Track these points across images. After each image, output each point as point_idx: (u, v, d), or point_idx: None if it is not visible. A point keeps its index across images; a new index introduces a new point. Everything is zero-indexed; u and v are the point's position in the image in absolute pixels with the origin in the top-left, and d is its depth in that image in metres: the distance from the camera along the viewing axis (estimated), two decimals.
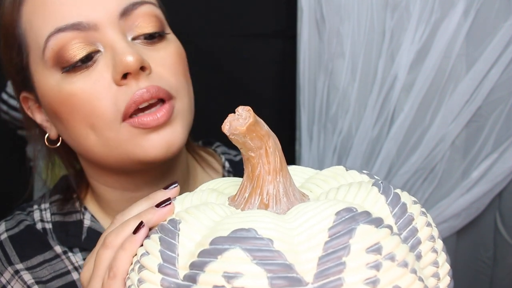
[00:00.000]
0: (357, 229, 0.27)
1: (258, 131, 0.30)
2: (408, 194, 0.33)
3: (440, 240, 0.32)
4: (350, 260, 0.26)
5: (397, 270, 0.26)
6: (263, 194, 0.31)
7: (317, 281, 0.25)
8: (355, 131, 1.01)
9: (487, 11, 0.87)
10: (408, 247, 0.28)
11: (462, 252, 1.04)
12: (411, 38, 0.91)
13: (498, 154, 0.92)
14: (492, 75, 0.89)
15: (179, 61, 0.47)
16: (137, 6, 0.44)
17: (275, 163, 0.31)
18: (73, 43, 0.42)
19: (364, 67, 0.97)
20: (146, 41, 0.45)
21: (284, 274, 0.25)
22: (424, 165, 0.97)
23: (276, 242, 0.26)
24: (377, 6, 0.93)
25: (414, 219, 0.30)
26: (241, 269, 0.25)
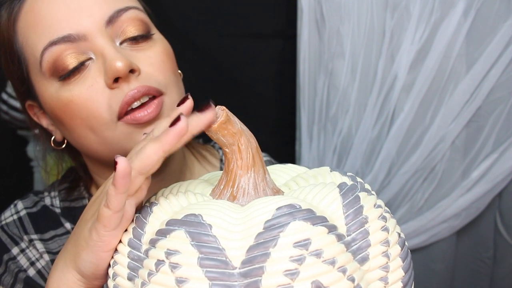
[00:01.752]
0: (290, 224, 0.29)
1: (229, 129, 0.34)
2: (375, 198, 0.35)
3: (399, 246, 0.33)
4: (275, 252, 0.28)
5: (321, 267, 0.28)
6: (234, 187, 0.34)
7: (243, 267, 0.28)
8: (355, 131, 1.01)
9: (487, 11, 0.87)
10: (345, 247, 0.29)
11: (462, 252, 1.04)
12: (411, 38, 0.91)
13: (498, 154, 0.92)
14: (492, 75, 0.89)
15: (166, 59, 0.50)
16: (122, 12, 0.47)
17: (247, 159, 0.34)
18: (66, 54, 0.45)
19: (364, 67, 0.97)
20: (133, 43, 0.48)
21: (214, 256, 0.28)
22: (424, 165, 0.97)
23: (215, 228, 0.29)
24: (377, 6, 0.93)
25: (367, 222, 0.31)
26: (180, 248, 0.29)
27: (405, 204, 1.01)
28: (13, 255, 0.54)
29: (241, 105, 1.14)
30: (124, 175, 0.30)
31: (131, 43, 0.48)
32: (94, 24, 0.46)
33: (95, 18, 0.46)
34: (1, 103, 1.23)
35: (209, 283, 0.28)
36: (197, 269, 0.28)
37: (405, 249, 0.34)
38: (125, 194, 0.31)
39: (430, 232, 0.99)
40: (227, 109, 0.34)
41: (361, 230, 0.31)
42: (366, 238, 0.31)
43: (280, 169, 0.41)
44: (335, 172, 0.37)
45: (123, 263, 0.32)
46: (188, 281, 0.29)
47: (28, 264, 0.54)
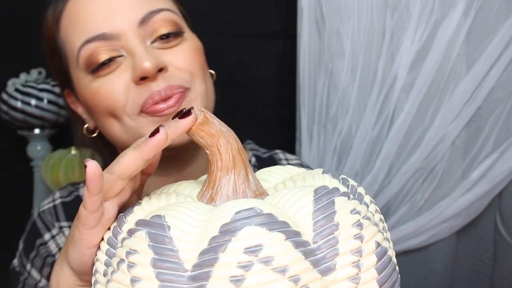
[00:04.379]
0: (243, 229, 0.28)
1: (207, 130, 0.34)
2: (358, 204, 0.33)
3: (375, 257, 0.30)
4: (223, 256, 0.27)
5: (269, 275, 0.27)
6: (214, 188, 0.34)
7: (194, 270, 0.28)
8: (355, 131, 1.01)
9: (487, 11, 0.87)
10: (303, 255, 0.28)
11: (462, 252, 1.04)
12: (411, 38, 0.91)
13: (498, 154, 0.92)
14: (492, 75, 0.89)
15: (194, 55, 0.53)
16: (154, 14, 0.51)
17: (226, 161, 0.34)
18: (99, 50, 0.50)
19: (364, 67, 0.97)
20: (163, 42, 0.51)
21: (167, 258, 0.28)
22: (424, 165, 0.97)
23: (173, 229, 0.29)
24: (377, 6, 0.93)
25: (338, 229, 0.30)
26: (138, 248, 0.30)
27: (405, 204, 1.01)
28: (45, 241, 0.59)
29: (241, 105, 1.14)
30: (93, 178, 0.31)
31: (161, 41, 0.51)
32: (127, 24, 0.50)
33: (129, 18, 0.50)
34: (1, 103, 1.23)
35: (159, 284, 0.28)
36: (150, 269, 0.29)
37: (385, 261, 0.31)
38: (98, 195, 0.32)
39: (430, 232, 0.99)
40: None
41: (329, 237, 0.29)
42: (334, 246, 0.29)
43: (276, 170, 0.40)
44: (326, 175, 0.36)
45: (102, 260, 0.33)
46: (140, 281, 0.29)
47: (57, 250, 0.59)
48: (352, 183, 0.35)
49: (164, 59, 0.50)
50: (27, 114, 1.22)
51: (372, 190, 1.00)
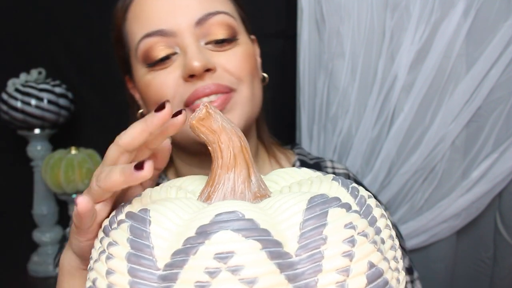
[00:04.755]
0: (218, 232, 0.27)
1: (208, 126, 0.33)
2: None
3: (365, 279, 0.28)
4: (193, 259, 0.26)
5: (235, 285, 0.25)
6: (212, 186, 0.33)
7: (165, 269, 0.27)
8: (355, 131, 1.01)
9: (487, 11, 0.87)
10: (278, 268, 0.26)
11: (462, 252, 1.04)
12: (411, 38, 0.91)
13: (498, 154, 0.92)
14: (492, 75, 0.89)
15: (245, 59, 0.55)
16: (211, 16, 0.53)
17: (227, 159, 0.33)
18: (157, 46, 0.53)
19: (364, 67, 0.97)
20: (217, 46, 0.54)
21: (141, 253, 0.28)
22: (424, 165, 0.97)
23: (153, 224, 0.29)
24: (377, 6, 0.93)
25: (325, 244, 0.27)
26: (118, 240, 0.29)
27: (405, 204, 1.01)
28: None
29: None
30: (84, 215, 0.33)
31: (215, 45, 0.54)
32: (185, 23, 0.52)
33: (187, 18, 0.52)
34: (1, 103, 1.23)
35: (129, 279, 0.27)
36: (124, 263, 0.28)
37: (378, 284, 0.28)
38: (87, 218, 0.33)
39: (430, 232, 0.99)
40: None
41: (314, 252, 0.27)
42: (318, 262, 0.27)
43: (290, 172, 0.39)
44: (335, 182, 0.34)
45: (96, 247, 0.33)
46: (114, 273, 0.29)
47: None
48: (363, 193, 0.33)
49: (214, 61, 0.53)
50: (27, 114, 1.22)
51: (372, 190, 1.00)
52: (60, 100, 1.25)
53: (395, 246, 0.32)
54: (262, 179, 0.35)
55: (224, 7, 0.55)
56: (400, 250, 0.56)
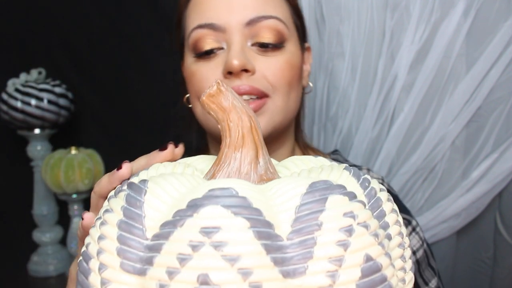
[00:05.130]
0: (206, 207, 0.26)
1: (218, 103, 0.32)
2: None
3: (359, 272, 0.26)
4: (178, 231, 0.26)
5: (216, 261, 0.25)
6: (218, 165, 0.33)
7: (153, 239, 0.27)
8: (355, 131, 1.01)
9: (487, 11, 0.87)
10: (265, 249, 0.25)
11: (462, 252, 1.04)
12: (411, 38, 0.91)
13: (498, 154, 0.92)
14: (492, 75, 0.89)
15: (285, 68, 0.55)
16: (262, 19, 0.54)
17: (235, 138, 0.32)
18: (206, 38, 0.55)
19: (364, 67, 0.97)
20: (261, 49, 0.55)
21: (131, 221, 0.28)
22: (424, 165, 0.97)
23: (148, 194, 0.29)
24: (377, 6, 0.93)
25: (319, 230, 0.26)
26: (114, 207, 0.30)
27: (405, 204, 1.01)
28: None
29: None
30: (86, 228, 0.38)
31: (259, 47, 0.55)
32: (236, 21, 0.54)
33: (239, 17, 0.54)
34: (1, 103, 1.23)
35: (118, 246, 0.28)
36: (114, 230, 0.28)
37: (373, 279, 0.26)
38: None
39: (430, 232, 0.99)
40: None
41: (307, 237, 0.26)
42: (309, 248, 0.26)
43: (305, 160, 0.38)
44: (346, 171, 0.32)
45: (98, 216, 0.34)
46: (104, 239, 0.29)
47: None
48: (375, 186, 0.32)
49: (254, 63, 0.54)
50: (27, 114, 1.22)
51: None
52: (60, 100, 1.25)
53: (404, 245, 0.31)
54: (271, 163, 0.34)
55: (278, 13, 0.56)
56: (430, 269, 0.55)
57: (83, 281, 0.29)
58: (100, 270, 0.28)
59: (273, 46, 0.55)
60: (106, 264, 0.28)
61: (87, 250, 0.30)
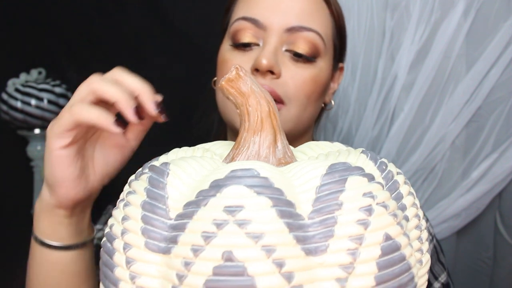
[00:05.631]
0: (230, 186, 0.27)
1: (237, 88, 0.33)
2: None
3: (379, 250, 0.27)
4: (202, 211, 0.26)
5: (240, 238, 0.25)
6: (237, 149, 0.33)
7: (176, 219, 0.28)
8: (355, 131, 1.01)
9: (487, 11, 0.87)
10: (287, 227, 0.26)
11: (462, 252, 1.04)
12: (411, 38, 0.91)
13: (498, 154, 0.92)
14: (492, 75, 0.89)
15: (309, 83, 0.56)
16: (302, 29, 0.55)
17: (254, 122, 0.33)
18: (246, 31, 0.56)
19: (364, 67, 0.97)
20: (294, 57, 0.55)
21: (155, 202, 0.29)
22: (424, 165, 0.97)
23: (171, 176, 0.30)
24: (377, 6, 0.93)
25: (340, 209, 0.27)
26: (137, 189, 0.31)
27: None
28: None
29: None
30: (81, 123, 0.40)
31: (292, 56, 0.55)
32: (278, 24, 0.55)
33: (282, 20, 0.55)
34: (1, 103, 1.23)
35: (142, 226, 0.28)
36: (138, 210, 0.29)
37: (393, 258, 0.27)
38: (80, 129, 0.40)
39: None
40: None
41: (327, 216, 0.26)
42: (330, 227, 0.26)
43: (321, 145, 0.38)
44: (363, 155, 0.33)
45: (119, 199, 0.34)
46: (129, 219, 0.29)
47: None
48: (392, 169, 0.32)
49: (282, 68, 0.54)
50: (27, 114, 1.22)
51: None
52: (60, 100, 1.25)
53: (421, 227, 0.31)
54: (289, 148, 0.35)
55: (320, 28, 0.57)
56: (440, 265, 0.55)
57: (107, 260, 0.30)
58: (125, 249, 0.29)
59: (305, 58, 0.55)
60: (130, 243, 0.28)
61: (110, 231, 0.31)
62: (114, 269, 0.29)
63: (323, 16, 0.58)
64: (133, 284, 0.28)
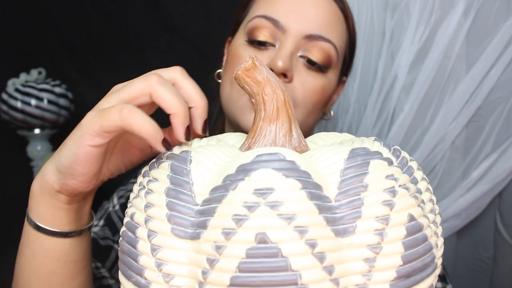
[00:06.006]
0: (259, 170, 0.27)
1: (253, 77, 0.33)
2: (400, 172, 0.32)
3: (404, 230, 0.28)
4: (232, 194, 0.26)
5: (273, 219, 0.25)
6: (254, 138, 0.33)
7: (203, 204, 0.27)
8: (355, 131, 1.01)
9: (487, 11, 0.87)
10: (317, 208, 0.26)
11: (462, 252, 1.04)
12: (411, 38, 0.91)
13: (498, 154, 0.92)
14: (492, 75, 0.89)
15: (318, 92, 0.56)
16: (320, 39, 0.55)
17: (270, 111, 0.33)
18: (264, 29, 0.55)
19: (364, 67, 0.97)
20: (307, 64, 0.55)
21: (180, 188, 0.28)
22: (424, 165, 0.97)
23: (194, 163, 0.29)
24: (377, 6, 0.93)
25: (366, 191, 0.27)
26: (158, 177, 0.30)
27: None
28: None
29: None
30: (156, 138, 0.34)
31: (305, 62, 0.55)
32: (297, 29, 0.54)
33: (302, 26, 0.54)
34: (1, 103, 1.23)
35: (167, 212, 0.28)
36: (163, 197, 0.29)
37: (417, 238, 0.28)
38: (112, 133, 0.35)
39: None
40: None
41: (354, 198, 0.27)
42: (357, 208, 0.27)
43: (331, 135, 0.39)
44: (377, 142, 0.33)
45: (134, 190, 0.34)
46: (152, 207, 0.29)
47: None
48: (405, 155, 0.33)
49: (294, 73, 0.54)
50: (27, 114, 1.22)
51: None
52: (60, 100, 1.25)
53: (435, 211, 0.32)
54: (303, 137, 0.35)
55: (337, 41, 0.57)
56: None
57: (129, 250, 0.29)
58: (149, 237, 0.28)
59: (318, 67, 0.56)
60: (155, 231, 0.28)
61: (132, 220, 0.30)
62: (138, 257, 0.28)
63: (340, 29, 0.58)
64: (159, 272, 0.27)
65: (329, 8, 0.57)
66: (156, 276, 0.28)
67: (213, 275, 0.25)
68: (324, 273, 0.25)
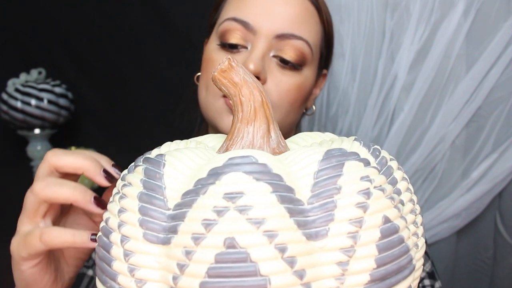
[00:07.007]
0: (230, 173, 0.27)
1: (230, 78, 0.32)
2: (376, 173, 0.31)
3: (379, 233, 0.27)
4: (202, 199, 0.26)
5: (242, 224, 0.25)
6: (231, 140, 0.33)
7: (175, 209, 0.27)
8: (355, 131, 1.01)
9: (487, 11, 0.87)
10: (288, 212, 0.26)
11: (462, 252, 1.04)
12: (411, 38, 0.91)
13: (498, 154, 0.92)
14: (492, 75, 0.89)
15: (293, 90, 0.56)
16: (292, 37, 0.55)
17: (247, 113, 0.33)
18: (235, 32, 0.55)
19: (364, 67, 0.97)
20: (280, 64, 0.55)
21: (152, 193, 0.28)
22: (424, 165, 0.97)
23: (167, 166, 0.29)
24: (377, 6, 0.93)
25: (339, 193, 0.27)
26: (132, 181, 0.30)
27: None
28: None
29: None
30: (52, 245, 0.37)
31: (279, 62, 0.55)
32: (268, 29, 0.54)
33: (272, 26, 0.54)
34: (1, 103, 1.23)
35: (139, 217, 0.28)
36: (135, 202, 0.28)
37: (392, 240, 0.27)
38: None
39: (430, 232, 0.99)
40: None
41: (327, 201, 0.26)
42: (330, 211, 0.26)
43: (313, 135, 0.39)
44: (356, 142, 0.33)
45: (113, 192, 0.34)
46: (125, 212, 0.29)
47: None
48: (385, 155, 0.32)
49: (268, 74, 0.54)
50: (27, 114, 1.22)
51: None
52: (60, 100, 1.25)
53: (416, 211, 0.32)
54: (282, 138, 0.35)
55: (310, 37, 0.56)
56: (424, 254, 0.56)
57: (104, 255, 0.29)
58: (122, 242, 0.28)
59: (291, 65, 0.55)
60: (128, 236, 0.28)
61: (106, 225, 0.30)
62: (111, 263, 0.28)
63: (313, 24, 0.57)
64: (132, 277, 0.27)
65: (299, 5, 0.56)
66: (129, 281, 0.27)
67: (183, 280, 0.25)
68: (295, 278, 0.25)
